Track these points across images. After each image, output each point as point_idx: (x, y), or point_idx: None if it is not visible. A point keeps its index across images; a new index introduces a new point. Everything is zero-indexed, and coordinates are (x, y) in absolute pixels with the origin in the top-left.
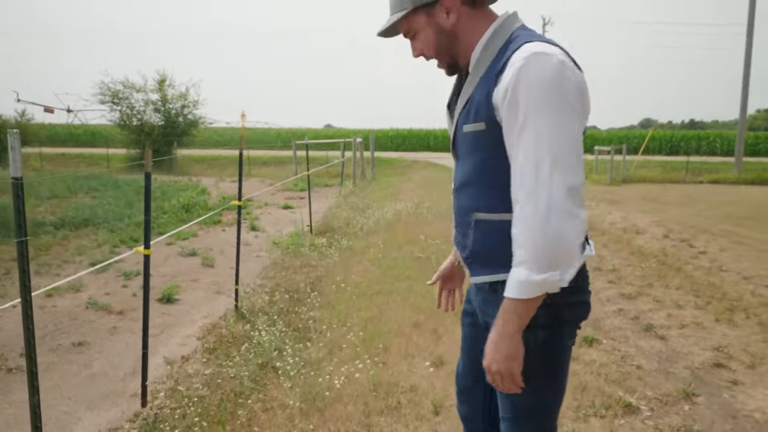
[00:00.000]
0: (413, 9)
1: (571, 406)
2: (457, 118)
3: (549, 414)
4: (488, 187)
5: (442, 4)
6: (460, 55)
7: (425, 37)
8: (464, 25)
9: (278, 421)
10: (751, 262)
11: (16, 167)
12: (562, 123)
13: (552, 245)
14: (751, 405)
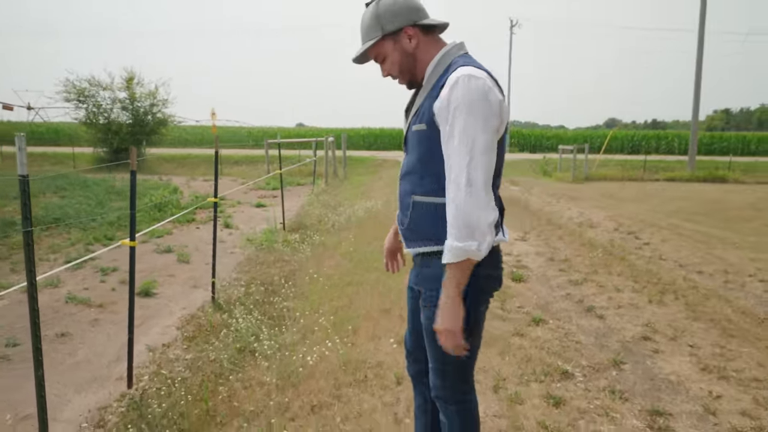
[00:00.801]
0: (382, 36)
1: (516, 374)
2: (409, 120)
3: (469, 367)
4: (424, 176)
5: (405, 32)
6: (418, 73)
7: (392, 59)
8: (421, 48)
9: (256, 396)
10: (688, 252)
11: (23, 166)
12: (479, 131)
13: (470, 220)
14: (667, 369)
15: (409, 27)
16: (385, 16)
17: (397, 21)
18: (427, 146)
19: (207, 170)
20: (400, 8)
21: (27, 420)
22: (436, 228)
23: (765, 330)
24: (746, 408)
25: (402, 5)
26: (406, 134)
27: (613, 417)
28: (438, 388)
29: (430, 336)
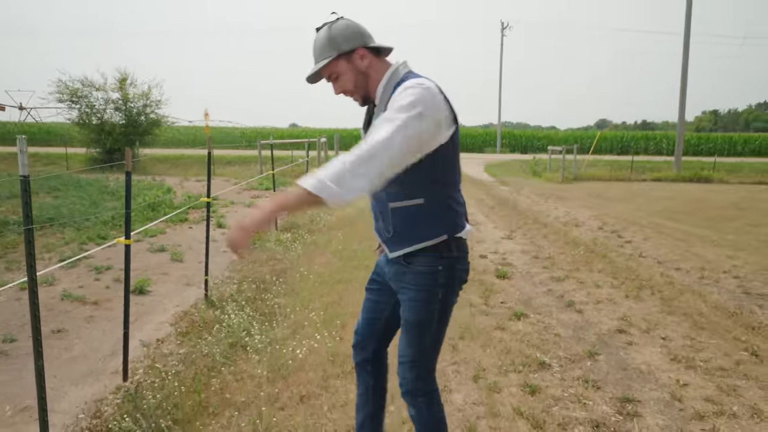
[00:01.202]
0: (337, 56)
1: (495, 365)
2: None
3: (436, 358)
4: (393, 183)
5: (358, 52)
6: (370, 90)
7: (346, 77)
8: (373, 67)
9: (248, 387)
10: (667, 249)
11: (24, 167)
12: (409, 125)
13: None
14: (639, 360)
15: (361, 48)
16: (339, 38)
17: (351, 42)
18: None
19: (200, 171)
20: (353, 32)
21: (25, 411)
22: (417, 228)
23: (734, 323)
24: (710, 395)
25: (354, 29)
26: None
27: (585, 404)
28: (410, 381)
29: (411, 331)
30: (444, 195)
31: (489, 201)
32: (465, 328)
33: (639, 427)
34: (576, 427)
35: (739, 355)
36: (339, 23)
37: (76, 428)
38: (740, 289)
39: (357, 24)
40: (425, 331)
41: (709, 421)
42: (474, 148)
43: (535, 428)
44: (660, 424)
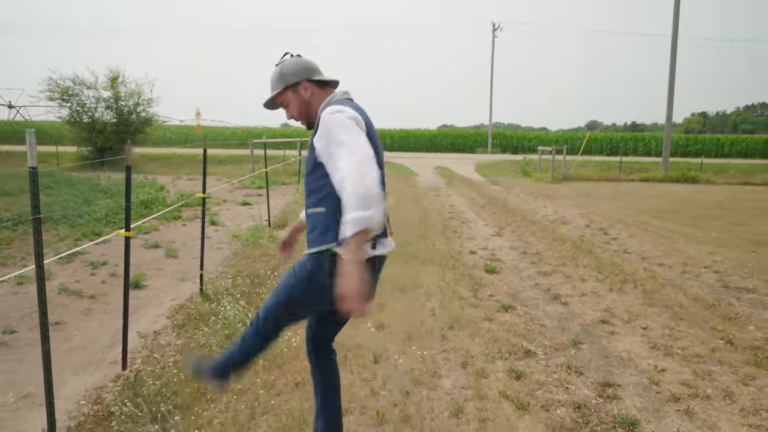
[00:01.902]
0: (285, 88)
1: (483, 353)
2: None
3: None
4: (310, 194)
5: (302, 84)
6: (312, 116)
7: (293, 105)
8: (315, 97)
9: (244, 376)
10: (651, 246)
11: (33, 159)
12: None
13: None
14: (620, 348)
15: (305, 81)
16: (287, 73)
17: (296, 77)
18: (312, 171)
19: (191, 169)
20: (299, 68)
21: (28, 398)
22: (314, 235)
23: (712, 314)
24: (686, 379)
25: (301, 65)
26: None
27: (567, 388)
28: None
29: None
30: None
31: (480, 200)
32: (454, 319)
33: (618, 408)
34: (558, 409)
35: (715, 343)
36: (289, 60)
37: (78, 413)
38: (720, 283)
39: (305, 60)
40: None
41: (684, 402)
42: (465, 149)
43: (519, 409)
44: (638, 406)
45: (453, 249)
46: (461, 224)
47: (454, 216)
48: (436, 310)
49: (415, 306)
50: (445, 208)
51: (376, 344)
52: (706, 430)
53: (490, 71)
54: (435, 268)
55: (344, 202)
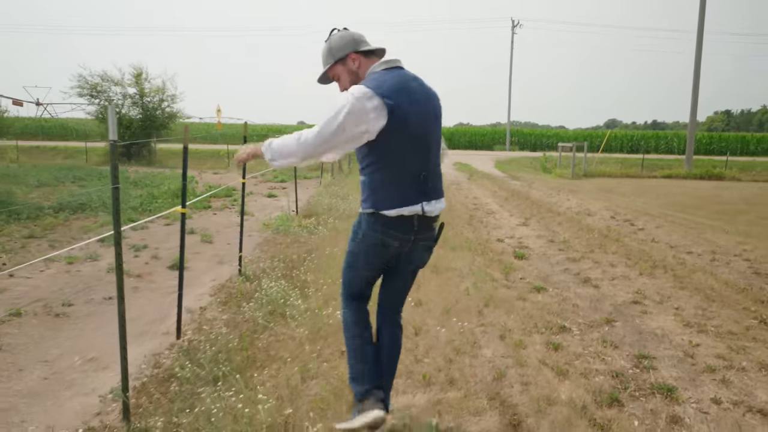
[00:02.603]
0: (334, 62)
1: (519, 327)
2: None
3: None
4: (359, 162)
5: (350, 56)
6: None
7: (343, 78)
8: (362, 68)
9: (290, 346)
10: (679, 236)
11: (114, 133)
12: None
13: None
14: (653, 325)
15: (352, 53)
16: (335, 47)
17: (343, 50)
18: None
19: (215, 164)
20: (345, 41)
21: (93, 361)
22: (361, 198)
23: (744, 297)
24: (721, 353)
25: (347, 38)
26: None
27: (604, 359)
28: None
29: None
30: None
31: (502, 193)
32: (489, 297)
33: (654, 377)
34: (597, 376)
35: (749, 322)
36: (336, 35)
37: (140, 375)
38: (750, 270)
39: (351, 33)
40: None
41: (720, 373)
42: (483, 146)
43: (559, 375)
44: (674, 375)
45: (481, 237)
46: (486, 215)
47: (478, 207)
48: (470, 290)
49: (449, 286)
50: (469, 200)
51: (415, 318)
52: (743, 396)
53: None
54: (465, 254)
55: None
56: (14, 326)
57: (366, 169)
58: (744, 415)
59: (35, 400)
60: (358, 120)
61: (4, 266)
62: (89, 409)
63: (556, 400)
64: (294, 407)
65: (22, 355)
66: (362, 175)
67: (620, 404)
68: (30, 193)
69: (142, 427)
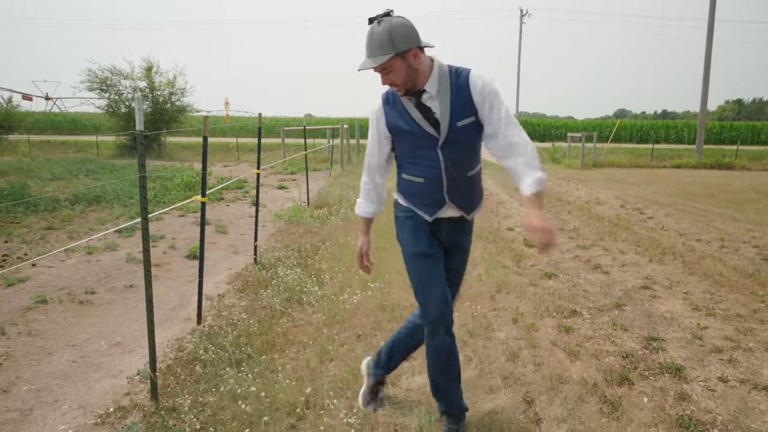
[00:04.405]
0: (394, 55)
1: (531, 311)
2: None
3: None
4: (473, 156)
5: (412, 51)
6: (417, 83)
7: (398, 72)
8: (421, 63)
9: (308, 331)
10: (688, 224)
11: (140, 123)
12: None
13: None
14: (662, 309)
15: (415, 48)
16: (397, 38)
17: (407, 44)
18: (476, 132)
19: (224, 157)
20: (409, 33)
21: (118, 346)
22: (480, 188)
23: (752, 281)
24: (728, 335)
25: (411, 30)
26: (449, 132)
27: (614, 341)
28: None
29: (461, 273)
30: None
31: (511, 183)
32: (501, 283)
33: (663, 358)
34: (607, 357)
35: (756, 306)
36: (396, 22)
37: (165, 358)
38: (759, 257)
39: (411, 24)
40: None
41: (727, 353)
42: None
43: (571, 356)
44: (682, 356)
45: (491, 225)
46: (496, 205)
47: (487, 197)
48: (483, 276)
49: None
50: None
51: None
52: (749, 375)
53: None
54: (477, 241)
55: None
56: (41, 313)
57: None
58: (750, 393)
59: (66, 381)
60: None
61: (26, 256)
62: (118, 390)
63: (568, 379)
64: (314, 387)
65: (51, 339)
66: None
67: (630, 382)
68: (45, 186)
69: (170, 405)
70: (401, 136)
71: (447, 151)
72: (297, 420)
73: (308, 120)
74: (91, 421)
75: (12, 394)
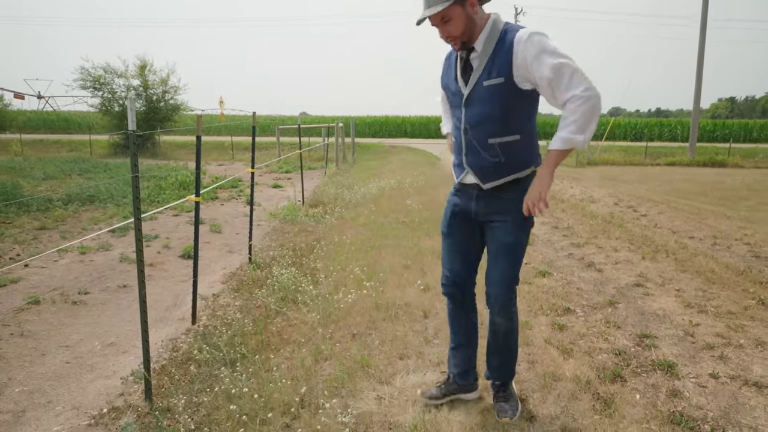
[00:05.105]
0: (454, 2)
1: (525, 310)
2: (476, 78)
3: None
4: (499, 122)
5: (470, 1)
6: (473, 36)
7: (458, 21)
8: (479, 15)
9: (303, 330)
10: (681, 221)
11: (133, 123)
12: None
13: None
14: (655, 306)
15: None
16: None
17: None
18: (505, 97)
19: (219, 156)
20: None
21: (112, 346)
22: (515, 161)
23: (744, 279)
24: (720, 332)
25: None
26: (472, 91)
27: (607, 338)
28: (504, 298)
29: (509, 250)
30: (533, 132)
31: None
32: None
33: (656, 355)
34: (600, 354)
35: (747, 303)
36: None
37: (159, 359)
38: (751, 254)
39: None
40: (521, 251)
41: (718, 350)
42: None
43: (564, 353)
44: (674, 353)
45: None
46: None
47: None
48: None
49: None
50: None
51: (423, 302)
52: (739, 371)
53: None
54: None
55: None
56: (34, 314)
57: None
58: (740, 389)
59: (59, 382)
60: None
61: (18, 257)
62: (112, 390)
63: (561, 377)
64: (309, 386)
65: (43, 340)
66: (519, 133)
67: (623, 380)
68: (38, 185)
69: (164, 405)
70: (447, 91)
71: (469, 110)
72: (292, 419)
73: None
74: (84, 422)
75: (4, 396)
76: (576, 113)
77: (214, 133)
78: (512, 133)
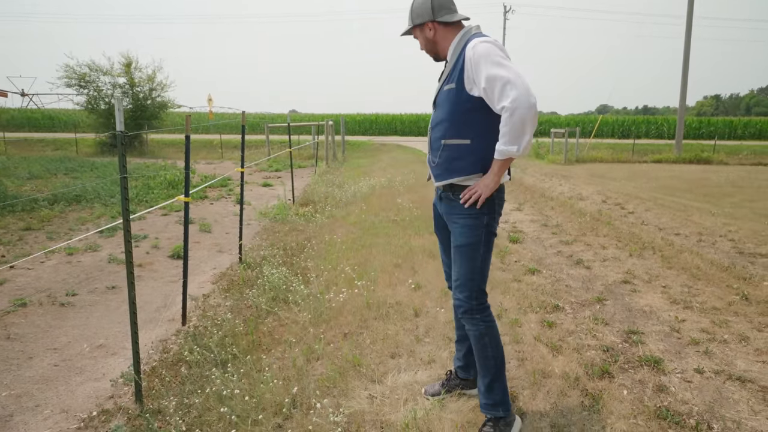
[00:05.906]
0: (412, 27)
1: (515, 307)
2: (440, 84)
3: (486, 277)
4: (450, 124)
5: (426, 25)
6: (440, 52)
7: (420, 41)
8: (439, 36)
9: (294, 330)
10: (667, 218)
11: (121, 124)
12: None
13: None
14: (642, 303)
15: (429, 22)
16: (414, 13)
17: (421, 17)
18: (455, 101)
19: (207, 154)
20: (423, 9)
21: (101, 348)
22: (463, 164)
23: (728, 275)
24: (705, 327)
25: (425, 7)
26: (437, 95)
27: (595, 335)
28: (463, 304)
29: (462, 253)
30: (489, 139)
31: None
32: None
33: (643, 351)
34: (588, 351)
35: (731, 298)
36: (417, 1)
37: (150, 360)
38: (734, 250)
39: (429, 2)
40: (477, 256)
41: (703, 345)
42: None
43: (553, 350)
44: (661, 348)
45: None
46: None
47: None
48: None
49: None
50: None
51: (414, 301)
52: (724, 366)
53: None
54: None
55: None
56: (21, 316)
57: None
58: (724, 383)
59: (48, 385)
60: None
61: (3, 258)
62: (101, 393)
63: (551, 374)
64: (300, 386)
65: (31, 343)
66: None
67: (611, 376)
68: (22, 185)
69: (155, 408)
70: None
71: (434, 113)
72: (283, 420)
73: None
74: (74, 426)
75: None
76: (506, 125)
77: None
78: (462, 137)
